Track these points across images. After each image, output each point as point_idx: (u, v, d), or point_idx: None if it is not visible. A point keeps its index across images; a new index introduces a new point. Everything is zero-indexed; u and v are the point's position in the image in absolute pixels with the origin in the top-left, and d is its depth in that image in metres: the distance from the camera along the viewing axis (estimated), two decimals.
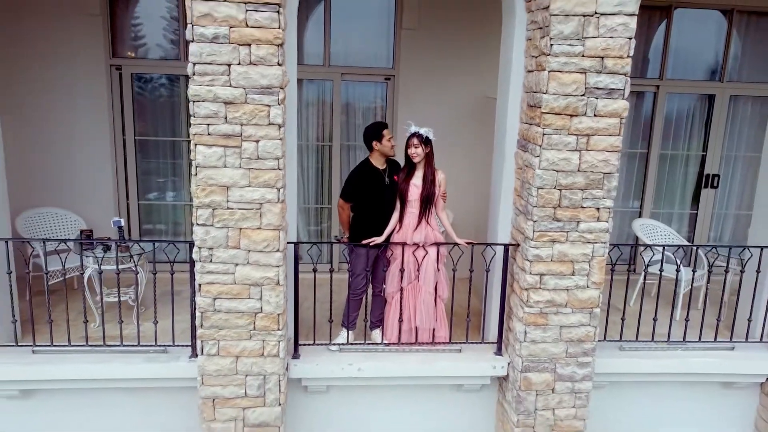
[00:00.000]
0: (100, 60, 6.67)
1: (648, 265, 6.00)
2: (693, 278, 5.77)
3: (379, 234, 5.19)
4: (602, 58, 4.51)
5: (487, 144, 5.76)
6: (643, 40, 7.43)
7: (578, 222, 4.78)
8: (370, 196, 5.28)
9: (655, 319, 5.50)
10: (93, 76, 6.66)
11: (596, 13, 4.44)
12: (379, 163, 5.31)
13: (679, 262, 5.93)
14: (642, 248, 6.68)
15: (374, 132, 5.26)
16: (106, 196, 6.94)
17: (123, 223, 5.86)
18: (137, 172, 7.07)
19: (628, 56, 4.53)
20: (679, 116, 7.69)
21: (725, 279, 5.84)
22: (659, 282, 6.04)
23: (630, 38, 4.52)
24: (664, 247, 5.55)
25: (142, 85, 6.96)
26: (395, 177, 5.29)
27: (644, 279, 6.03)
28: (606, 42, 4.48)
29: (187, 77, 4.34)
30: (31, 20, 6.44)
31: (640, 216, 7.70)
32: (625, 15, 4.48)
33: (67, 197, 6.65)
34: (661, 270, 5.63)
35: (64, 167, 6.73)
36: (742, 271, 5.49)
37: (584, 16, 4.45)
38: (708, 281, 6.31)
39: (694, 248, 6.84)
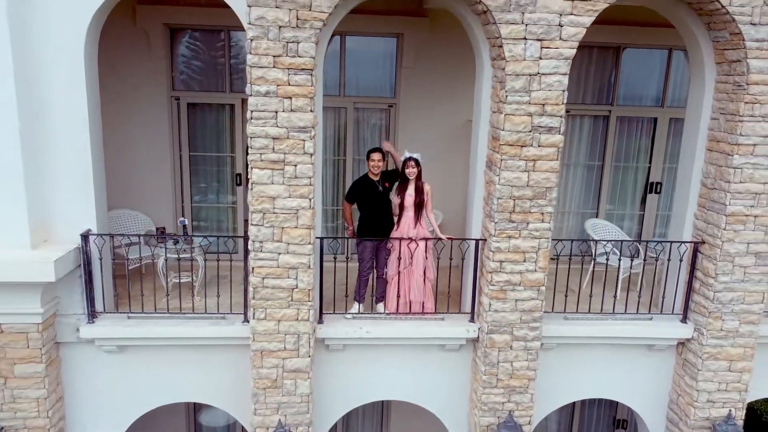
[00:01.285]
0: (163, 92, 8.44)
1: (596, 257, 7.77)
2: (631, 266, 7.52)
3: (376, 228, 6.98)
4: (543, 105, 6.25)
5: (469, 159, 7.50)
6: (599, 73, 9.14)
7: (528, 223, 6.53)
8: (366, 200, 7.08)
9: (590, 296, 7.28)
10: (158, 104, 8.44)
11: (539, 73, 6.17)
12: (373, 175, 7.08)
13: (619, 254, 7.68)
14: (591, 243, 8.42)
15: (366, 154, 7.09)
16: (167, 200, 8.72)
17: (186, 222, 7.64)
18: (190, 180, 8.85)
19: (562, 103, 6.27)
20: (629, 135, 9.38)
21: (643, 266, 7.58)
22: (605, 269, 7.78)
23: (563, 91, 6.25)
24: (597, 242, 7.30)
25: (194, 111, 8.72)
26: (386, 184, 7.05)
27: (593, 267, 7.79)
28: (546, 94, 6.22)
29: (230, 105, 6.12)
30: (107, 60, 8.19)
31: (596, 216, 9.42)
32: (560, 74, 6.21)
33: (137, 200, 8.40)
34: (607, 260, 7.40)
35: (135, 176, 8.49)
36: (656, 259, 7.24)
37: (530, 75, 6.18)
38: (643, 268, 8.07)
39: (638, 241, 8.57)
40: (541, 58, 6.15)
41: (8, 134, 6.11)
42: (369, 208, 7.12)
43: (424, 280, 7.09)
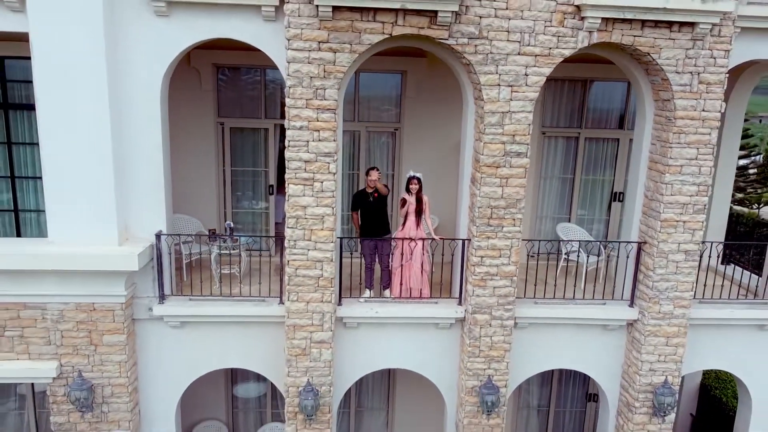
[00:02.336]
0: (210, 119, 10.32)
1: (565, 254, 9.59)
2: (597, 261, 9.32)
3: (371, 229, 8.88)
4: (513, 135, 8.08)
5: (458, 175, 9.33)
6: (570, 102, 10.93)
7: (502, 227, 8.36)
8: (362, 208, 9.00)
9: (555, 285, 9.10)
10: (206, 129, 10.31)
11: (509, 111, 8.01)
12: (368, 188, 8.93)
13: (585, 252, 9.50)
14: (559, 242, 10.25)
15: (366, 171, 9.00)
16: (213, 206, 10.60)
17: (232, 224, 9.52)
18: (232, 190, 10.72)
19: (528, 134, 8.09)
20: (596, 152, 11.17)
21: (606, 262, 9.39)
22: (577, 264, 9.58)
23: (529, 124, 8.08)
24: (559, 242, 9.12)
25: (235, 134, 10.60)
26: (375, 195, 8.87)
27: (565, 262, 9.63)
28: (515, 127, 8.05)
29: (264, 129, 7.98)
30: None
31: (569, 221, 11.21)
32: (526, 112, 8.04)
33: (189, 207, 10.23)
34: (568, 255, 9.19)
35: (188, 187, 10.29)
36: (608, 256, 9.04)
37: (503, 112, 8.02)
38: (607, 264, 9.87)
39: (597, 241, 10.36)
40: (511, 100, 7.99)
41: (103, 157, 8.02)
42: (364, 215, 9.04)
43: (422, 271, 8.94)
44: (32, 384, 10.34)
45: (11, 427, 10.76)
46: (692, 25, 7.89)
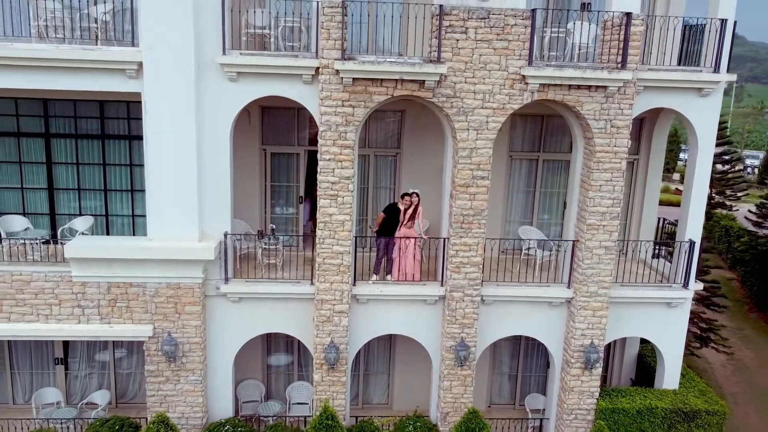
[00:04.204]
0: (256, 146, 13.61)
1: (524, 249, 12.91)
2: (549, 255, 12.61)
3: (388, 231, 12.14)
4: (478, 165, 11.39)
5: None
6: (532, 132, 14.17)
7: (471, 229, 11.67)
8: (390, 215, 12.22)
9: (519, 272, 12.42)
10: (253, 154, 13.59)
11: (475, 147, 11.31)
12: (400, 204, 12.20)
13: (540, 247, 12.80)
14: (514, 241, 13.54)
15: (402, 195, 12.31)
16: (256, 212, 13.89)
17: (274, 227, 12.85)
18: (271, 200, 14.03)
19: (489, 164, 11.39)
20: (552, 171, 14.42)
21: (556, 255, 12.68)
22: (535, 257, 12.85)
23: (490, 156, 11.38)
24: (514, 240, 12.44)
25: (274, 157, 13.91)
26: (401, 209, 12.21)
27: (526, 255, 12.92)
28: (480, 158, 11.36)
29: (296, 153, 11.37)
30: None
31: (531, 224, 14.47)
32: (488, 148, 11.35)
33: (240, 212, 13.48)
34: (528, 250, 12.50)
35: (239, 197, 13.59)
36: (556, 251, 12.34)
37: (471, 148, 11.32)
38: (556, 256, 13.13)
39: (545, 240, 13.63)
40: (477, 140, 11.31)
41: (189, 180, 11.37)
42: (388, 220, 12.28)
43: (414, 261, 12.26)
44: (114, 351, 13.75)
45: (96, 384, 14.08)
46: (604, 87, 11.19)
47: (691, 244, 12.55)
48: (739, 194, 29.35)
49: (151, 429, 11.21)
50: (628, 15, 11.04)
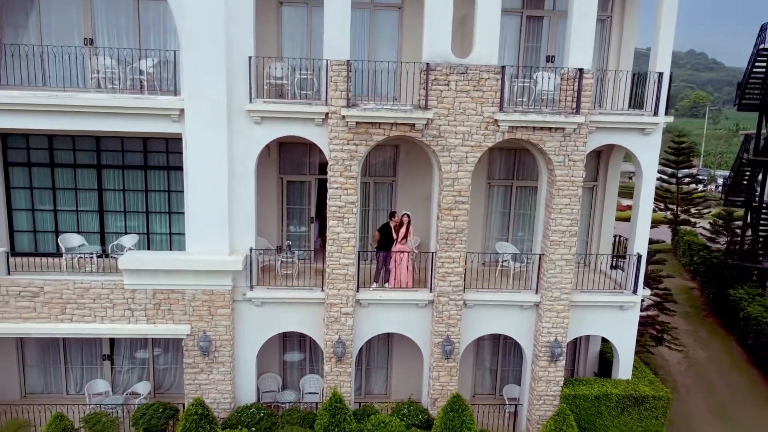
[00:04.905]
0: (274, 175, 16.11)
1: (504, 261, 15.37)
2: (521, 266, 15.07)
3: (385, 246, 14.62)
4: (459, 191, 13.90)
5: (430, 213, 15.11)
6: (506, 163, 16.69)
7: (454, 245, 14.16)
8: (384, 232, 14.71)
9: (489, 280, 14.88)
10: (272, 182, 16.09)
11: (457, 177, 13.82)
12: (392, 223, 14.70)
13: (513, 260, 15.26)
14: (493, 254, 16.01)
15: (391, 214, 14.79)
16: (273, 230, 16.36)
17: (290, 243, 15.33)
18: (287, 220, 16.52)
19: (468, 191, 13.89)
20: (524, 195, 16.92)
21: (527, 267, 15.16)
22: (509, 268, 15.29)
23: (469, 185, 13.88)
24: (490, 254, 14.95)
25: (290, 184, 16.41)
26: (393, 227, 14.70)
27: (502, 267, 15.37)
28: (461, 186, 13.87)
29: (308, 181, 13.90)
30: None
31: (507, 241, 16.94)
32: (467, 178, 13.85)
33: (260, 230, 15.97)
34: (504, 262, 14.97)
35: (260, 217, 16.07)
36: (526, 263, 14.83)
37: (453, 178, 13.83)
38: (527, 267, 15.58)
39: (517, 253, 16.10)
40: (458, 171, 13.82)
41: (221, 205, 13.86)
42: (384, 237, 14.76)
43: (408, 271, 14.73)
44: (152, 349, 16.16)
45: (137, 377, 16.46)
46: (562, 128, 13.73)
47: (639, 257, 15.05)
48: (703, 212, 32.09)
49: (191, 410, 13.58)
50: (581, 70, 13.61)
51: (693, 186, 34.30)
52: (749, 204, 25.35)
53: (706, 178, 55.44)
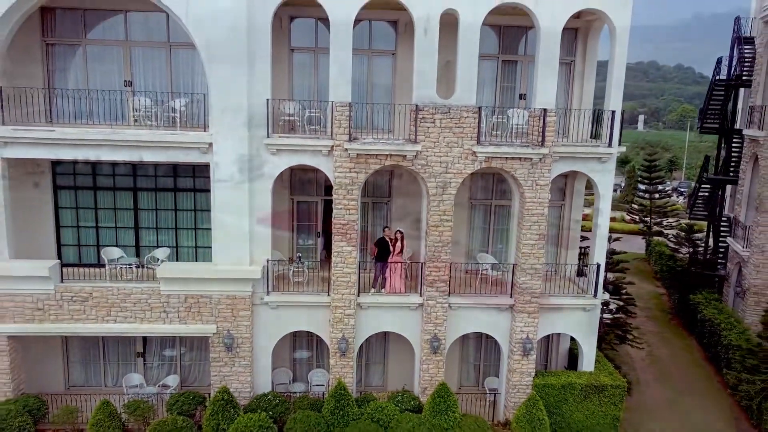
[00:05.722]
0: (286, 196, 18.66)
1: (484, 269, 17.96)
2: (498, 274, 17.65)
3: (382, 257, 17.20)
4: (444, 211, 16.50)
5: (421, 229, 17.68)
6: (486, 184, 19.29)
7: (440, 256, 16.73)
8: (381, 246, 17.28)
9: (471, 286, 17.46)
10: (285, 202, 18.65)
11: (442, 200, 16.42)
12: (386, 237, 17.28)
13: (492, 268, 17.85)
14: (474, 264, 18.60)
15: (383, 228, 17.38)
16: (285, 243, 18.89)
17: (300, 255, 17.88)
18: (297, 234, 19.06)
19: (452, 211, 16.48)
20: (501, 213, 19.50)
21: (505, 274, 17.76)
22: (489, 275, 17.87)
23: (452, 206, 16.47)
24: (470, 263, 17.54)
25: (300, 204, 18.97)
26: (388, 240, 17.28)
27: (482, 274, 17.95)
28: (445, 207, 16.47)
29: (315, 201, 16.56)
30: None
31: (487, 252, 19.50)
32: (451, 200, 16.46)
33: (275, 244, 18.49)
34: (484, 271, 17.56)
35: (275, 234, 18.58)
36: (503, 271, 17.42)
37: (439, 200, 16.43)
38: (503, 276, 18.14)
39: (495, 263, 18.67)
40: (443, 194, 16.42)
41: (243, 223, 16.40)
42: (381, 250, 17.33)
43: (401, 279, 17.30)
44: (180, 347, 18.64)
45: (166, 372, 18.93)
46: (530, 158, 16.35)
47: (598, 266, 17.64)
48: (673, 224, 34.81)
49: (218, 396, 16.07)
50: (545, 110, 16.25)
51: (665, 200, 37.09)
52: (711, 217, 28.02)
53: (686, 190, 58.03)
